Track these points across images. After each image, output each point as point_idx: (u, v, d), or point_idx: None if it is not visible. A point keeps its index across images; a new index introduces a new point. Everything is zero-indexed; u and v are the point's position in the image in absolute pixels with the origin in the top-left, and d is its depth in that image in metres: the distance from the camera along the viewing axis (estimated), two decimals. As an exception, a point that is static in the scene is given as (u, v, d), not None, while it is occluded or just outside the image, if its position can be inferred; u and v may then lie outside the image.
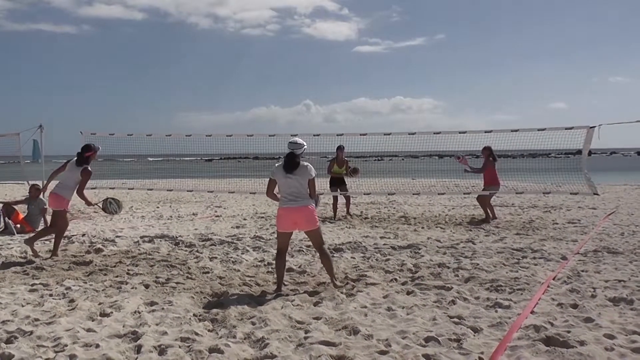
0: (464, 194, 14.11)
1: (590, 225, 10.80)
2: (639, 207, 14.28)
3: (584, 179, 11.89)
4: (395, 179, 19.14)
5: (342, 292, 5.67)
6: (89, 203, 7.73)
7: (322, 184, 12.04)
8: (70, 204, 7.54)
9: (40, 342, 4.24)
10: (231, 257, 7.62)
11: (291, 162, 5.75)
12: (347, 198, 13.02)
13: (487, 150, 11.72)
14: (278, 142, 13.01)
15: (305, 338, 4.32)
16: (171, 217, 12.85)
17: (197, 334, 4.42)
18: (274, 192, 5.99)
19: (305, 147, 5.86)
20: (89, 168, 7.62)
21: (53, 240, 7.83)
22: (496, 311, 4.99)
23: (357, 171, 12.57)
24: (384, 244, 8.71)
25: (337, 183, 12.59)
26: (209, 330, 4.57)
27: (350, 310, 5.02)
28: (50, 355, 4.02)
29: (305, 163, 5.84)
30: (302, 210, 5.75)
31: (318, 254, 6.24)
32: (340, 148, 12.51)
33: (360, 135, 13.21)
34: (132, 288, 5.90)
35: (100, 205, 7.35)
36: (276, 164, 5.93)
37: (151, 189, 13.19)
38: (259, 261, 7.44)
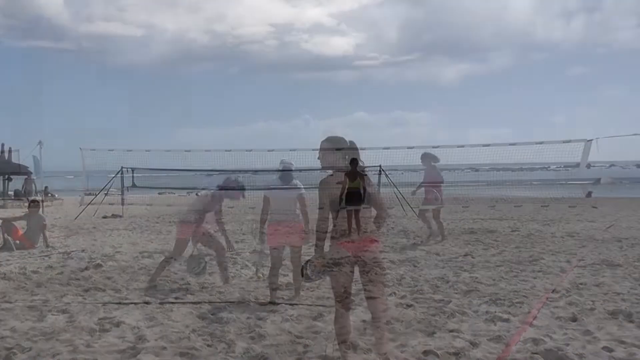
0: (462, 206, 14.17)
1: (589, 238, 10.81)
2: (638, 219, 14.30)
3: (582, 192, 11.93)
4: (394, 192, 19.11)
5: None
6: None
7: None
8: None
9: (40, 358, 4.23)
10: (230, 272, 7.61)
11: (286, 175, 6.12)
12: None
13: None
14: (277, 157, 13.07)
15: (304, 352, 4.32)
16: (170, 232, 12.82)
17: (196, 349, 4.41)
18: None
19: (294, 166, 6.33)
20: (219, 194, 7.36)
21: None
22: (495, 324, 4.99)
23: None
24: (383, 258, 8.69)
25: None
26: (207, 345, 4.56)
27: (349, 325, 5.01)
28: (49, 371, 4.02)
29: (296, 180, 6.15)
30: (291, 226, 6.01)
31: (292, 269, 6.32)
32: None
33: (360, 149, 13.25)
34: (131, 303, 5.90)
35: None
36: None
37: (150, 204, 13.20)
38: (258, 276, 7.43)
